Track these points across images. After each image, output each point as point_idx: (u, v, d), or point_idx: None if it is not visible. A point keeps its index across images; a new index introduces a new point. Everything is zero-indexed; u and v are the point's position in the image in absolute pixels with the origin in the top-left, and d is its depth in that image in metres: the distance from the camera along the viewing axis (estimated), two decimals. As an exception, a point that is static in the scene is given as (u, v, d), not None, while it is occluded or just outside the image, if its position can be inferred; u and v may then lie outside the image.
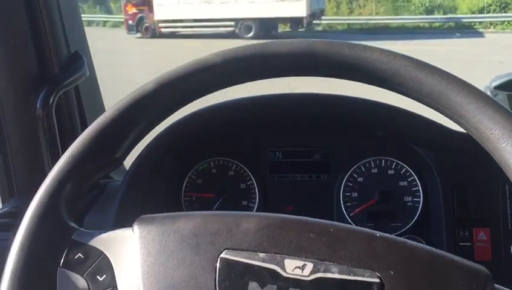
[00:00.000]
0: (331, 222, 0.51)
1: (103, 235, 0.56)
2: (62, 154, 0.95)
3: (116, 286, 0.53)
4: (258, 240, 0.49)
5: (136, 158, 0.93)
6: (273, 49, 0.63)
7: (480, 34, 19.59)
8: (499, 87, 1.16)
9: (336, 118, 0.99)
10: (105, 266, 0.53)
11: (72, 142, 0.59)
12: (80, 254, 0.54)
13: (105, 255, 0.54)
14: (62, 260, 0.54)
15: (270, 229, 0.49)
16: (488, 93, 1.19)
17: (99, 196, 1.04)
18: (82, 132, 0.59)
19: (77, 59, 1.09)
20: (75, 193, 0.58)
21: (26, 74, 1.04)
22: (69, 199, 0.57)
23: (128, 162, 0.89)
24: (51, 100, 1.02)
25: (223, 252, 0.49)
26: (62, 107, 1.09)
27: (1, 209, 1.09)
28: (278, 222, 0.50)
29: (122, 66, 12.68)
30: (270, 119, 1.01)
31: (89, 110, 1.18)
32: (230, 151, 1.06)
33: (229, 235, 0.50)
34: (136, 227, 0.54)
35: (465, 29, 20.21)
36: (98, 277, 0.53)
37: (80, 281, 0.53)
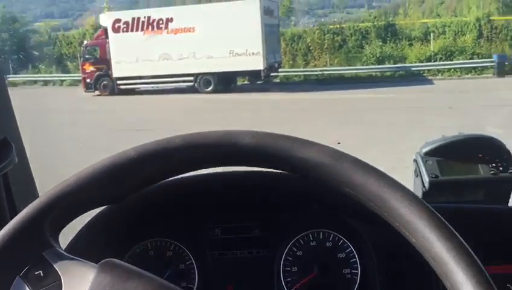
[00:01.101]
0: None
1: (69, 262, 0.57)
2: None
3: None
4: None
5: (76, 234, 0.90)
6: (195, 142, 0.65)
7: (429, 81, 20.61)
8: (429, 154, 1.22)
9: (272, 194, 1.00)
10: None
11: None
12: (40, 271, 0.56)
13: (60, 282, 0.56)
14: (24, 271, 0.56)
15: None
16: (419, 159, 1.23)
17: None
18: (11, 218, 0.60)
19: (5, 146, 1.07)
20: (64, 216, 0.61)
21: None
22: (56, 217, 0.60)
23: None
24: None
25: None
26: None
27: None
28: None
29: (77, 125, 12.57)
30: (207, 197, 1.00)
31: (20, 196, 1.14)
32: (168, 231, 1.03)
33: None
34: (99, 268, 0.56)
35: (415, 77, 21.26)
36: None
37: None
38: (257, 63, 19.30)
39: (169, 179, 0.69)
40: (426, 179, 1.18)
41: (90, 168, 0.62)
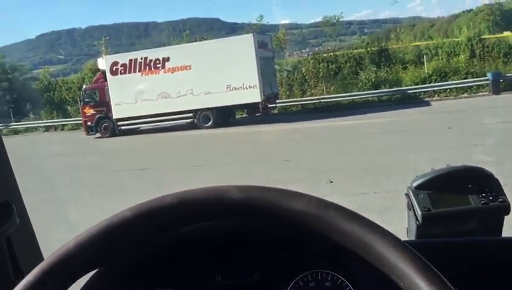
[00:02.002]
0: None
1: None
2: None
3: None
4: None
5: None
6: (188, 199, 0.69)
7: (426, 103, 20.76)
8: (420, 187, 1.25)
9: (269, 237, 1.01)
10: None
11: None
12: None
13: None
14: None
15: None
16: (411, 193, 1.24)
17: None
18: (16, 279, 0.65)
19: (6, 209, 1.09)
20: (66, 279, 0.65)
21: None
22: (59, 281, 0.63)
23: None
24: None
25: None
26: None
27: None
28: None
29: (81, 168, 12.61)
30: (207, 246, 1.02)
31: (24, 258, 1.16)
32: (170, 281, 1.04)
33: None
34: None
35: (412, 100, 21.42)
36: None
37: None
38: (254, 96, 19.52)
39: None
40: (419, 212, 1.20)
41: (86, 232, 0.66)
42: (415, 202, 1.23)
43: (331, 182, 7.83)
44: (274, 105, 22.20)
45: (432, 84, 22.76)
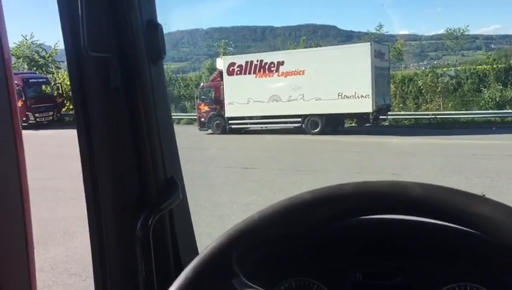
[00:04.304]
0: None
1: None
2: (156, 271, 1.07)
3: None
4: None
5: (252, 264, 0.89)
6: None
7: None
8: None
9: (420, 243, 0.98)
10: None
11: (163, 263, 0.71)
12: None
13: None
14: None
15: None
16: None
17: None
18: (173, 252, 0.73)
19: (172, 184, 1.17)
20: (247, 250, 0.71)
21: (128, 198, 1.12)
22: (241, 251, 0.70)
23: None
24: (149, 223, 1.08)
25: None
26: (156, 229, 1.13)
27: None
28: None
29: (192, 161, 13.29)
30: (355, 242, 1.02)
31: (180, 232, 1.23)
32: (312, 271, 1.05)
33: None
34: None
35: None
36: None
37: None
38: (366, 106, 19.12)
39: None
40: None
41: (270, 208, 0.72)
42: None
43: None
44: (385, 117, 21.55)
45: None
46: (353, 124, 21.60)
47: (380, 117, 20.62)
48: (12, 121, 0.86)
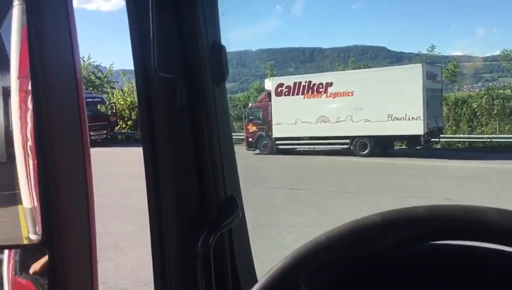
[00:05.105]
0: None
1: None
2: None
3: None
4: None
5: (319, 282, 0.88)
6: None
7: None
8: None
9: (489, 271, 0.90)
10: None
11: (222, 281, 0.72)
12: None
13: None
14: None
15: None
16: None
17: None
18: (232, 271, 0.73)
19: (232, 202, 1.18)
20: (315, 270, 0.71)
21: (189, 214, 1.14)
22: (308, 271, 0.70)
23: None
24: (210, 241, 1.09)
25: None
26: (216, 247, 1.14)
27: None
28: None
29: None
30: (421, 267, 0.93)
31: (238, 251, 1.23)
32: None
33: None
34: None
35: None
36: None
37: None
38: (417, 128, 18.70)
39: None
40: None
41: (336, 229, 0.70)
42: None
43: None
44: (437, 139, 20.97)
45: None
46: (403, 146, 21.15)
47: (432, 140, 20.11)
48: (82, 139, 0.90)
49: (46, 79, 0.86)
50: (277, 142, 21.47)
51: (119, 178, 12.98)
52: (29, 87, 0.89)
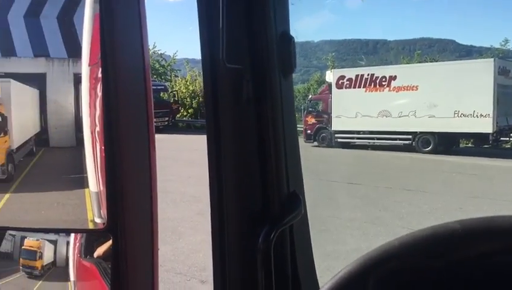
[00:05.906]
0: None
1: None
2: (275, 285, 1.06)
3: None
4: None
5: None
6: None
7: None
8: None
9: None
10: None
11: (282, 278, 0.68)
12: None
13: None
14: None
15: None
16: None
17: None
18: (291, 267, 0.69)
19: (295, 198, 1.16)
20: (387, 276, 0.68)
21: (251, 208, 1.13)
22: (380, 276, 0.67)
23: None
24: (272, 237, 1.08)
25: None
26: (277, 243, 1.12)
27: None
28: None
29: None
30: (497, 282, 0.92)
31: (299, 248, 1.20)
32: None
33: None
34: None
35: None
36: None
37: None
38: (485, 126, 17.81)
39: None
40: None
41: (411, 236, 0.66)
42: None
43: None
44: (508, 138, 19.87)
45: None
46: (469, 145, 20.22)
47: (501, 139, 19.09)
48: (148, 126, 0.90)
49: (116, 67, 0.87)
50: (336, 135, 21.15)
51: (179, 165, 13.31)
52: (99, 75, 0.91)
